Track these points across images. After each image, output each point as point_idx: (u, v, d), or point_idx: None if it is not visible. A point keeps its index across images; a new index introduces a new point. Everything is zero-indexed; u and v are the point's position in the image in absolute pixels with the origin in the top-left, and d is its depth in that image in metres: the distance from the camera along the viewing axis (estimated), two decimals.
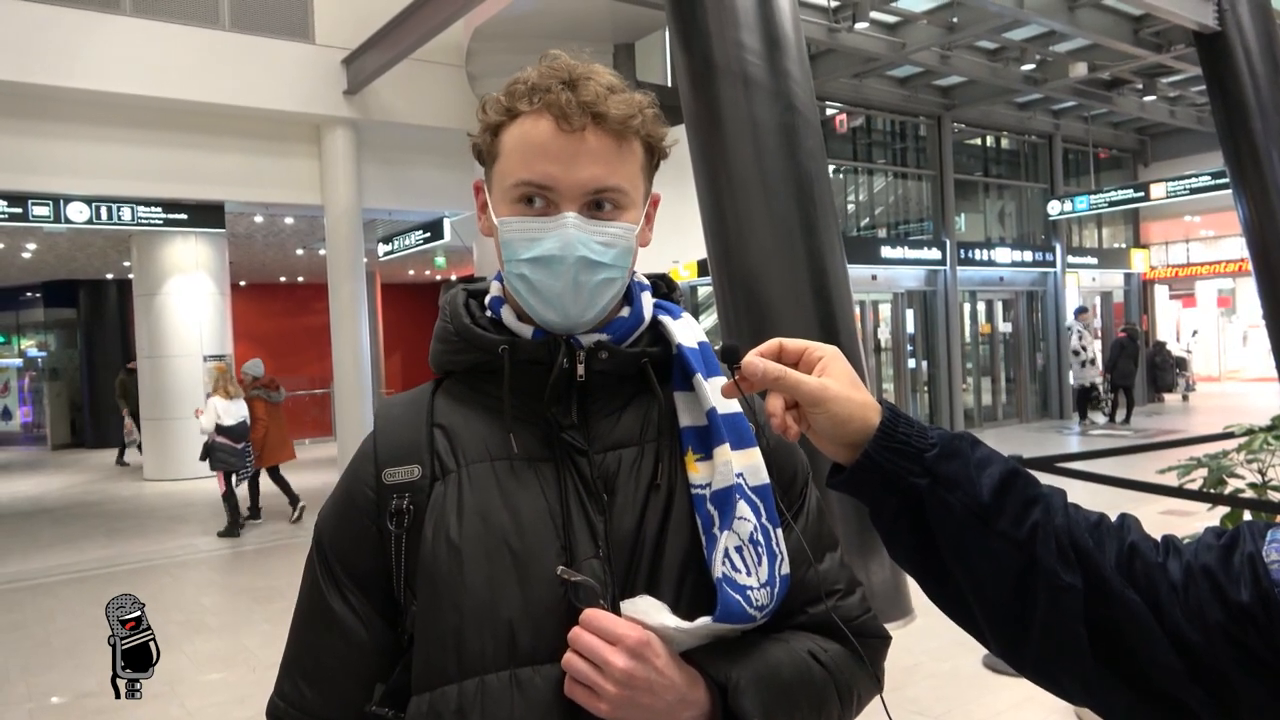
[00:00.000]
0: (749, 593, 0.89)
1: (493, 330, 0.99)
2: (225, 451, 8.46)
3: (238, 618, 6.09)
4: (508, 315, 1.00)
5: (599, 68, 0.95)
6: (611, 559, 0.92)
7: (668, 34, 7.07)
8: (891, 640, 1.06)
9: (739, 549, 0.90)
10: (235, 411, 8.56)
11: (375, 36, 10.43)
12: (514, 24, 10.04)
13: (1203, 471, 3.68)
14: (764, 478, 0.95)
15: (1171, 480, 3.73)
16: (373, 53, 10.61)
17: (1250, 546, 0.73)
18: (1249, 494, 3.54)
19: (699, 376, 0.96)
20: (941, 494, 0.77)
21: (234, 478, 8.67)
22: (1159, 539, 0.79)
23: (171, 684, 4.81)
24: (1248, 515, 3.47)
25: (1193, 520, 6.11)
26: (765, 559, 0.91)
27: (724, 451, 0.93)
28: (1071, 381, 14.99)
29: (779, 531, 0.94)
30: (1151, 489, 3.73)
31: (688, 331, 1.00)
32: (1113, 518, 0.81)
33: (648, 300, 1.03)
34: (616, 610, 0.89)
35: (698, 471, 0.95)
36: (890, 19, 11.34)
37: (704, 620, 0.87)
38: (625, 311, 1.00)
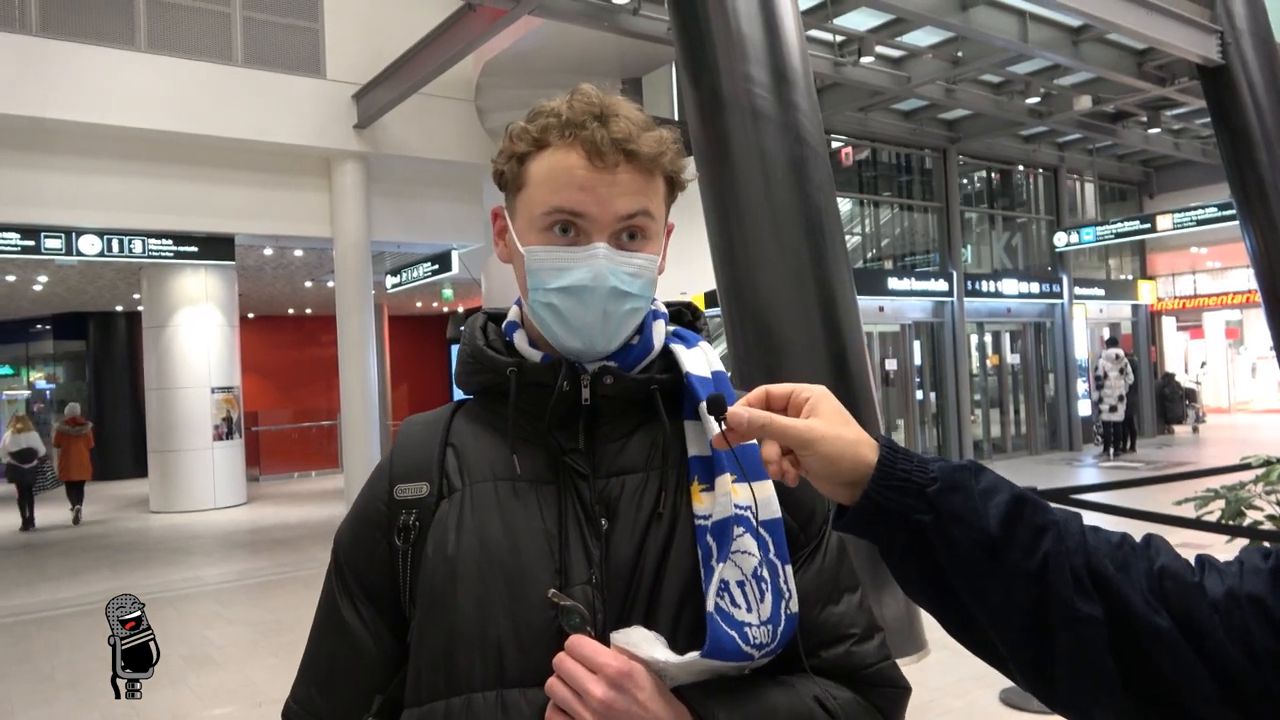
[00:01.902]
0: (746, 629, 0.86)
1: (505, 353, 1.00)
2: (12, 469, 11.94)
3: (243, 651, 6.04)
4: (519, 339, 1.01)
5: (624, 102, 0.96)
6: (606, 585, 0.91)
7: (675, 68, 7.16)
8: (911, 691, 1.00)
9: (741, 584, 0.88)
10: (20, 442, 11.89)
11: (385, 72, 10.56)
12: (522, 59, 10.17)
13: (1220, 503, 3.64)
14: (776, 512, 0.92)
15: (1189, 512, 3.69)
16: (383, 87, 10.74)
17: None
18: (1268, 526, 3.50)
19: (703, 405, 0.94)
20: (947, 529, 0.75)
21: (32, 488, 12.05)
22: (1192, 559, 0.77)
23: (176, 718, 4.76)
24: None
25: (1210, 553, 6.03)
26: (769, 595, 0.88)
27: (724, 482, 0.91)
28: (1117, 416, 14.77)
29: (788, 569, 0.91)
30: (1169, 521, 3.69)
31: (699, 359, 0.99)
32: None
33: (659, 328, 1.02)
34: (605, 638, 0.87)
35: (702, 502, 0.93)
36: (895, 53, 11.45)
37: (692, 655, 0.85)
38: (635, 339, 1.00)
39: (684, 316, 1.08)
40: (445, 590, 0.92)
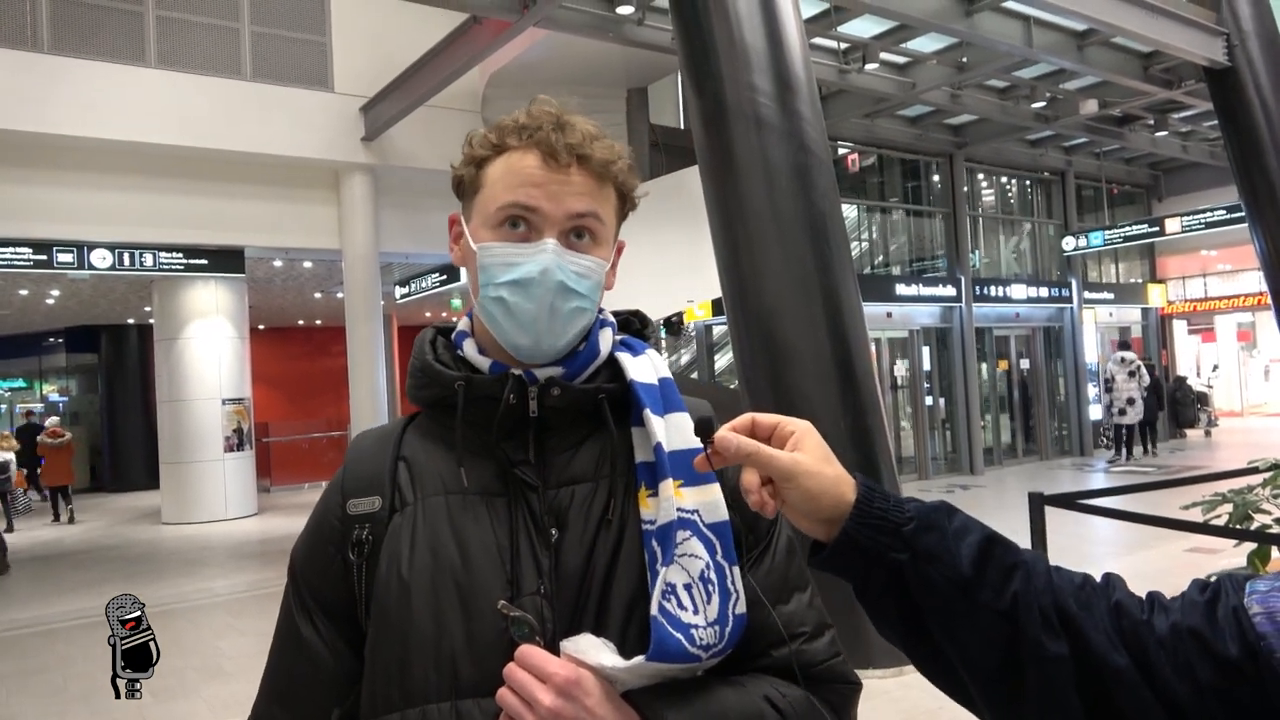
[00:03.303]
0: (693, 631, 0.87)
1: (454, 366, 1.02)
2: None
3: (255, 662, 6.03)
4: (469, 348, 1.03)
5: (581, 116, 1.01)
6: (556, 595, 0.92)
7: (680, 78, 7.19)
8: (862, 687, 1.01)
9: (688, 586, 0.89)
10: None
11: (392, 84, 10.63)
12: (528, 70, 10.22)
13: (1228, 507, 3.62)
14: (722, 515, 0.93)
15: (1196, 516, 3.68)
16: (390, 100, 10.81)
17: (1234, 600, 0.72)
18: (1276, 529, 3.48)
19: (647, 411, 0.96)
20: (922, 568, 0.76)
21: (6, 499, 13.07)
22: (1144, 596, 0.78)
23: None
24: (1276, 552, 3.41)
25: (1218, 558, 6.00)
26: (717, 597, 0.89)
27: (668, 486, 0.92)
28: (1127, 419, 14.82)
29: (736, 570, 0.92)
30: (1176, 525, 3.68)
31: (645, 367, 1.01)
32: (1098, 576, 0.80)
33: (606, 336, 1.04)
34: (555, 647, 0.89)
35: (649, 508, 0.94)
36: (900, 59, 11.45)
37: (638, 659, 0.86)
38: (581, 346, 1.02)
39: (632, 325, 1.10)
40: (399, 604, 0.93)
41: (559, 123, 0.98)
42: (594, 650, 0.87)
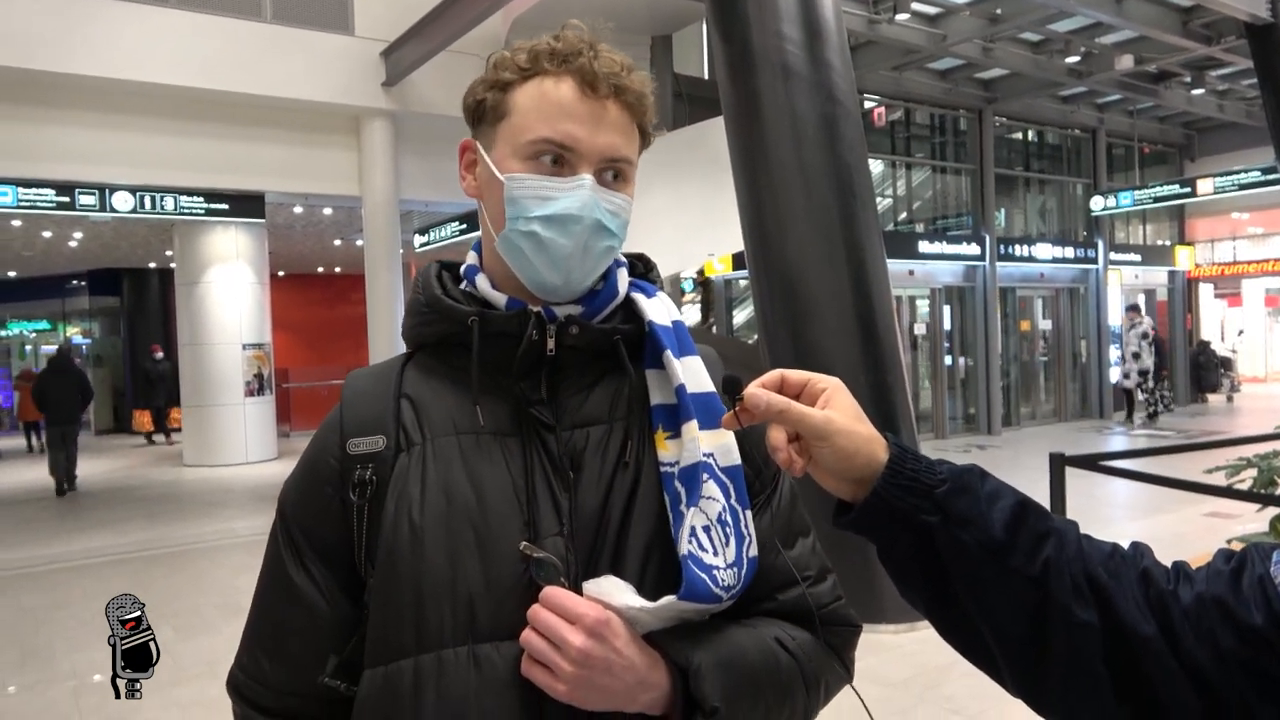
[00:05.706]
0: (715, 573, 0.87)
1: (464, 302, 0.98)
2: None
3: None
4: (482, 282, 0.99)
5: (606, 46, 0.97)
6: (576, 536, 0.91)
7: (706, 25, 7.05)
8: (862, 629, 1.03)
9: (706, 529, 0.89)
10: None
11: (414, 28, 10.49)
12: (551, 15, 9.99)
13: (1252, 472, 3.59)
14: (735, 459, 0.93)
15: (1219, 480, 3.65)
16: (411, 44, 10.67)
17: (1260, 569, 0.72)
18: None
19: (668, 353, 0.95)
20: (954, 531, 0.75)
21: None
22: (1169, 565, 0.78)
23: (210, 664, 4.89)
24: None
25: (1239, 523, 5.97)
26: (733, 540, 0.90)
27: (691, 428, 0.92)
28: (1129, 382, 14.80)
29: (748, 513, 0.93)
30: (1199, 489, 3.65)
31: (661, 309, 1.00)
32: (1126, 544, 0.79)
33: (623, 276, 1.02)
34: (578, 588, 0.87)
35: (667, 449, 0.94)
36: (932, 10, 11.19)
37: (668, 599, 0.86)
38: (600, 286, 1.00)
39: (637, 268, 1.08)
40: (411, 548, 0.90)
41: (593, 49, 0.94)
42: (618, 591, 0.87)
